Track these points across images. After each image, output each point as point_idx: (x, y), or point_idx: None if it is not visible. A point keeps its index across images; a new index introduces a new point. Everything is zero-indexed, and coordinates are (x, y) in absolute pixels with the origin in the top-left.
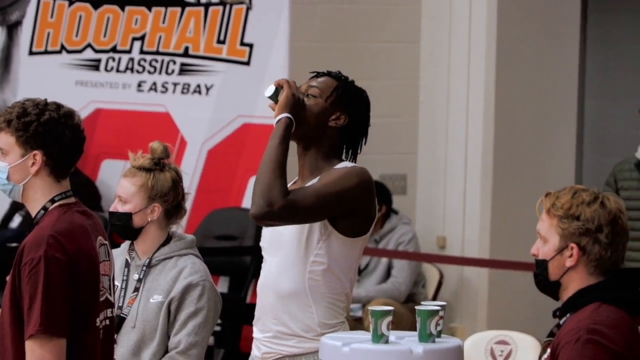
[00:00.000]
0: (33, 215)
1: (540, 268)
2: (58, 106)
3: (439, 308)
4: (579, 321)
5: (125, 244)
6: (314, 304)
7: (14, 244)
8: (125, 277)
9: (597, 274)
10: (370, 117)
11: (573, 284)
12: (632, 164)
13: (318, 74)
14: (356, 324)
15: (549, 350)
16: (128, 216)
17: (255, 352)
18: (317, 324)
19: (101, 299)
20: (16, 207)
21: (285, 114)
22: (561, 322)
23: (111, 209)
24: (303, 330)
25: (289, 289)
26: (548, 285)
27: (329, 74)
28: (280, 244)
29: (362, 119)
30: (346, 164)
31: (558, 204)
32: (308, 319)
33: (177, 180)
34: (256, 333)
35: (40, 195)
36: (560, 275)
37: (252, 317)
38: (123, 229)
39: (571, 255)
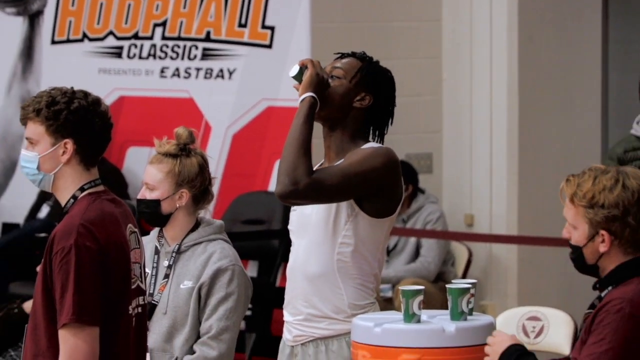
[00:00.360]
0: (63, 204)
1: (575, 253)
2: (85, 94)
3: (469, 286)
4: (624, 293)
5: (155, 231)
6: (343, 286)
7: (43, 234)
8: (155, 264)
9: (633, 251)
10: (395, 97)
11: (612, 265)
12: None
13: (342, 55)
14: (386, 304)
15: None
16: (156, 203)
17: (286, 335)
18: (347, 305)
19: (133, 287)
20: (44, 197)
21: (310, 93)
22: (602, 294)
23: (139, 197)
24: (333, 312)
25: (317, 271)
26: (586, 268)
27: (353, 54)
28: (307, 227)
29: (388, 99)
30: (372, 145)
31: (580, 193)
32: (338, 300)
33: (203, 165)
34: (287, 316)
35: (70, 184)
36: (597, 259)
37: (282, 300)
38: (151, 216)
39: (603, 241)
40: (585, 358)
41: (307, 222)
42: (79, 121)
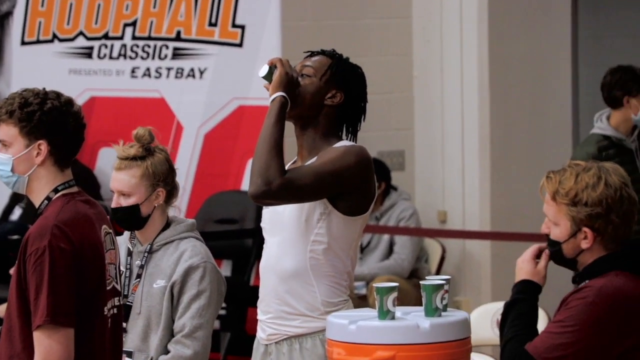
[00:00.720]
0: (36, 205)
1: (554, 247)
2: (58, 94)
3: (443, 282)
4: (595, 282)
5: (127, 233)
6: (316, 283)
7: (15, 237)
8: (128, 265)
9: (614, 247)
10: (367, 93)
11: (591, 259)
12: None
13: (312, 53)
14: (360, 301)
15: None
16: (136, 208)
17: (260, 334)
18: (321, 302)
19: (108, 288)
20: (16, 199)
21: (280, 93)
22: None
23: (113, 206)
24: (307, 310)
25: (290, 268)
26: (564, 262)
27: (322, 52)
28: (280, 225)
29: (359, 95)
30: (345, 143)
31: (562, 191)
32: (311, 298)
33: (170, 160)
34: (260, 315)
35: (44, 185)
36: (576, 255)
37: (256, 299)
38: (131, 222)
39: (586, 238)
40: (543, 334)
41: (279, 219)
42: (52, 122)
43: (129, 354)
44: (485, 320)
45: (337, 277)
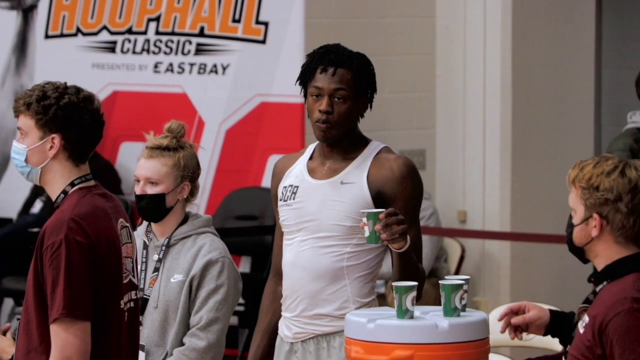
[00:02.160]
0: (53, 199)
1: (568, 230)
2: (77, 90)
3: (462, 282)
4: (623, 292)
5: (143, 226)
6: (350, 283)
7: (36, 229)
8: (144, 259)
9: (624, 243)
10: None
11: (603, 252)
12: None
13: (329, 69)
14: (379, 300)
15: (586, 316)
16: (161, 198)
17: (285, 332)
18: (352, 301)
19: (125, 281)
20: (37, 192)
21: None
22: (597, 289)
23: (138, 192)
24: (338, 309)
25: (327, 268)
26: (573, 249)
27: (339, 64)
28: (316, 226)
29: (373, 90)
30: (376, 147)
31: (581, 175)
32: (343, 297)
33: (197, 157)
34: (286, 313)
35: (59, 178)
36: (585, 243)
37: None
38: (154, 211)
39: (595, 226)
40: None
41: (314, 220)
42: (67, 117)
43: (142, 348)
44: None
45: (370, 277)
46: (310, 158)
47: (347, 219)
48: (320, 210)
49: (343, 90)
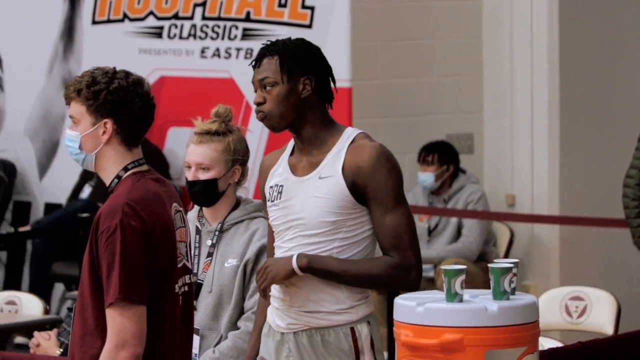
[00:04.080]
0: (107, 184)
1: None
2: (127, 74)
3: (512, 265)
4: None
5: (194, 211)
6: None
7: (85, 215)
8: (197, 244)
9: None
10: (324, 57)
11: None
12: None
13: (256, 63)
14: (428, 284)
15: None
16: (213, 183)
17: (277, 321)
18: (346, 296)
19: (179, 266)
20: (86, 177)
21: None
22: None
23: (191, 178)
24: (331, 303)
25: None
26: None
27: (263, 55)
28: (301, 225)
29: (323, 66)
30: (352, 133)
31: None
32: (337, 292)
33: (245, 140)
34: (276, 303)
35: (112, 163)
36: None
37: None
38: (207, 196)
39: None
40: None
41: (298, 219)
42: (118, 101)
43: (196, 331)
44: (553, 305)
45: None
46: (291, 154)
47: (330, 214)
48: (304, 208)
49: (268, 77)
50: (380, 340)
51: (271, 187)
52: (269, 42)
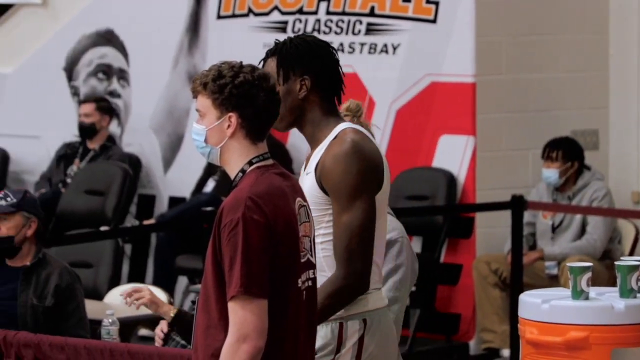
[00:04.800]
0: (232, 177)
1: None
2: (253, 68)
3: (639, 263)
4: None
5: None
6: (330, 273)
7: (209, 208)
8: None
9: None
10: (330, 53)
11: None
12: None
13: (262, 62)
14: (552, 282)
15: None
16: None
17: None
18: None
19: (302, 260)
20: (210, 171)
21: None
22: None
23: None
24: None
25: None
26: None
27: (266, 55)
28: None
29: (323, 63)
30: (339, 128)
31: None
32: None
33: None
34: None
35: (237, 157)
36: None
37: (446, 276)
38: None
39: None
40: None
41: None
42: (242, 95)
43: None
44: None
45: None
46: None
47: (312, 210)
48: None
49: None
50: (386, 342)
51: None
52: (278, 42)
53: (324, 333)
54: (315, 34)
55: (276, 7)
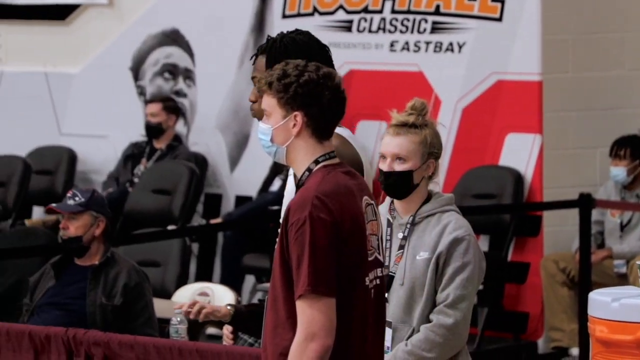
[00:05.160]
0: (299, 176)
1: None
2: (318, 67)
3: None
4: None
5: (385, 205)
6: None
7: (276, 207)
8: (388, 237)
9: None
10: (322, 52)
11: None
12: None
13: (253, 59)
14: (620, 280)
15: None
16: (409, 175)
17: None
18: None
19: (370, 259)
20: (276, 171)
21: None
22: None
23: (386, 169)
24: None
25: None
26: None
27: (257, 52)
28: None
29: (317, 61)
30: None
31: None
32: None
33: (439, 135)
34: None
35: (303, 156)
36: None
37: (514, 275)
38: (402, 187)
39: None
40: None
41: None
42: (308, 94)
43: (388, 324)
44: None
45: None
46: None
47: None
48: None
49: (256, 77)
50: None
51: None
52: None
53: None
54: (380, 33)
55: (341, 6)
